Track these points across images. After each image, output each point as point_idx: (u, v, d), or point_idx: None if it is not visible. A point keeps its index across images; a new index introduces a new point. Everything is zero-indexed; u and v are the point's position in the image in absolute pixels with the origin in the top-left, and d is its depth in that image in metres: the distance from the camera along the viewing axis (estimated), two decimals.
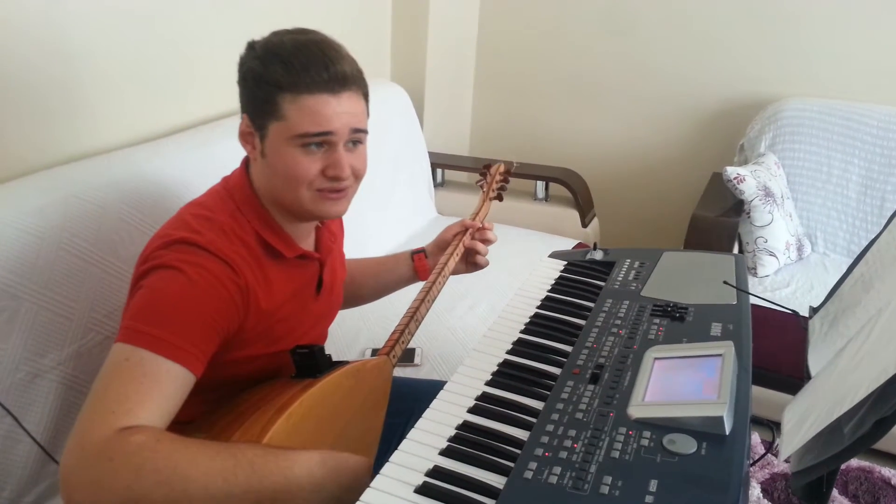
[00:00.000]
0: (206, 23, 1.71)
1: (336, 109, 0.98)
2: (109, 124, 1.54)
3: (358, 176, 1.06)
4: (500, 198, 1.55)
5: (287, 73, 0.95)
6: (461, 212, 2.59)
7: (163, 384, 0.86)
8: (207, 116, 1.76)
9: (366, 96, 1.06)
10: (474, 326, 1.80)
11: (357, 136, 1.03)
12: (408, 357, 1.64)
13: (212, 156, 1.53)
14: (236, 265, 0.96)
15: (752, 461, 1.82)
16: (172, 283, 0.92)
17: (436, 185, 2.65)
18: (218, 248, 0.95)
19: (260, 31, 1.03)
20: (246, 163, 1.08)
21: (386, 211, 2.26)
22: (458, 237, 1.35)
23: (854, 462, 1.91)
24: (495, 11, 2.94)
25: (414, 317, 1.21)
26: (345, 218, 2.04)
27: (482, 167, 1.57)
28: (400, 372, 1.59)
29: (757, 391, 1.90)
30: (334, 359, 1.07)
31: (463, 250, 1.35)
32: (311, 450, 0.88)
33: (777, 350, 1.84)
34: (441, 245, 1.36)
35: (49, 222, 1.22)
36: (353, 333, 1.75)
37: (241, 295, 0.97)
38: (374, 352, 1.72)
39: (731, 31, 2.61)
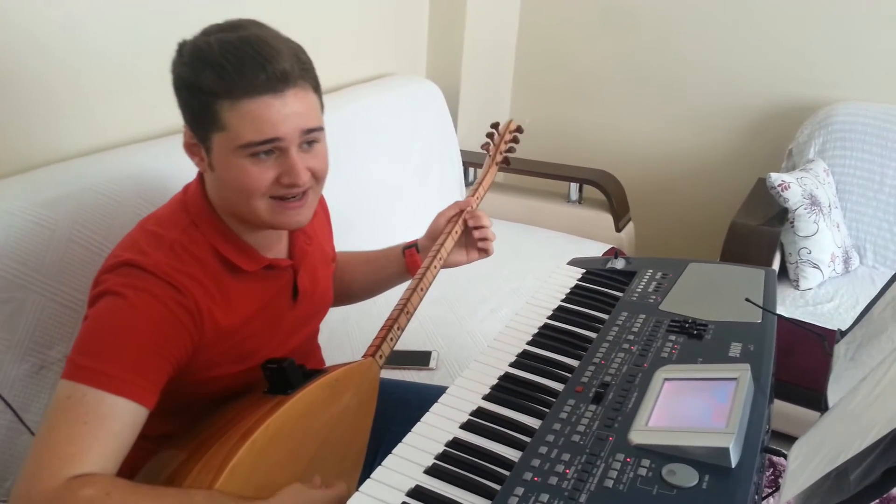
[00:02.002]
0: (229, 16, 1.70)
1: (281, 111, 0.88)
2: (127, 117, 1.53)
3: (318, 178, 0.97)
4: (507, 162, 1.42)
5: (220, 78, 0.86)
6: (491, 212, 2.52)
7: (109, 422, 0.81)
8: None
9: (316, 89, 0.95)
10: (495, 331, 1.74)
11: (311, 137, 0.93)
12: (422, 360, 1.60)
13: None
14: (183, 287, 0.90)
15: (774, 489, 1.73)
16: (114, 311, 0.87)
17: (467, 185, 2.61)
18: (162, 271, 0.89)
19: (286, 28, 0.96)
20: (201, 173, 1.01)
21: (415, 209, 2.23)
22: (452, 221, 1.25)
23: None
24: (535, 10, 2.88)
25: (405, 309, 1.12)
26: (371, 215, 2.05)
27: (491, 125, 1.43)
28: (413, 376, 1.55)
29: (791, 409, 1.81)
30: (343, 360, 1.03)
31: (458, 236, 1.25)
32: (271, 499, 0.84)
33: (815, 366, 1.74)
34: (434, 235, 1.25)
35: (61, 214, 1.22)
36: (369, 336, 1.71)
37: (189, 318, 0.91)
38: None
39: (782, 30, 2.49)
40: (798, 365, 1.70)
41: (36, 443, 0.81)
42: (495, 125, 1.43)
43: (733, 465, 0.73)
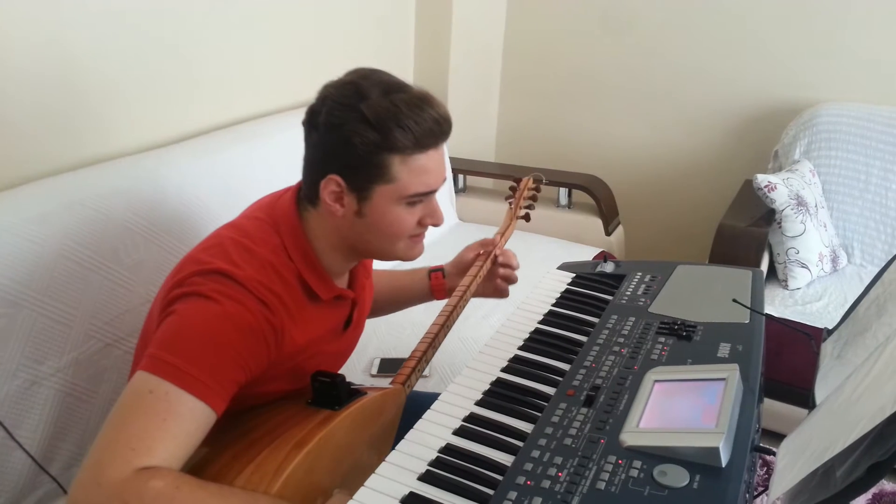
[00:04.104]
0: (215, 29, 1.70)
1: (438, 165, 0.99)
2: (115, 131, 1.54)
3: None
4: (527, 217, 1.49)
5: (407, 136, 0.94)
6: (482, 218, 2.54)
7: (185, 422, 0.82)
8: (214, 124, 1.75)
9: None
10: (487, 337, 1.75)
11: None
12: None
13: (218, 163, 1.52)
14: (272, 304, 0.93)
15: (766, 487, 1.74)
16: (206, 313, 0.89)
17: (457, 191, 2.62)
18: (255, 286, 0.92)
19: (273, 33, 0.98)
20: (296, 198, 1.03)
21: None
22: (479, 258, 1.32)
23: (889, 486, 1.82)
24: (522, 12, 2.89)
25: (432, 343, 1.17)
26: None
27: (513, 179, 1.52)
28: None
29: (781, 407, 1.82)
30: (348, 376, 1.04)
31: (485, 273, 1.31)
32: None
33: (804, 365, 1.75)
34: (460, 266, 1.32)
35: (51, 229, 1.22)
36: (363, 343, 1.71)
37: (273, 334, 0.93)
38: (383, 362, 1.69)
39: (766, 33, 2.51)
40: (787, 364, 1.72)
41: (107, 431, 0.81)
42: (517, 180, 1.51)
43: (723, 465, 0.74)
